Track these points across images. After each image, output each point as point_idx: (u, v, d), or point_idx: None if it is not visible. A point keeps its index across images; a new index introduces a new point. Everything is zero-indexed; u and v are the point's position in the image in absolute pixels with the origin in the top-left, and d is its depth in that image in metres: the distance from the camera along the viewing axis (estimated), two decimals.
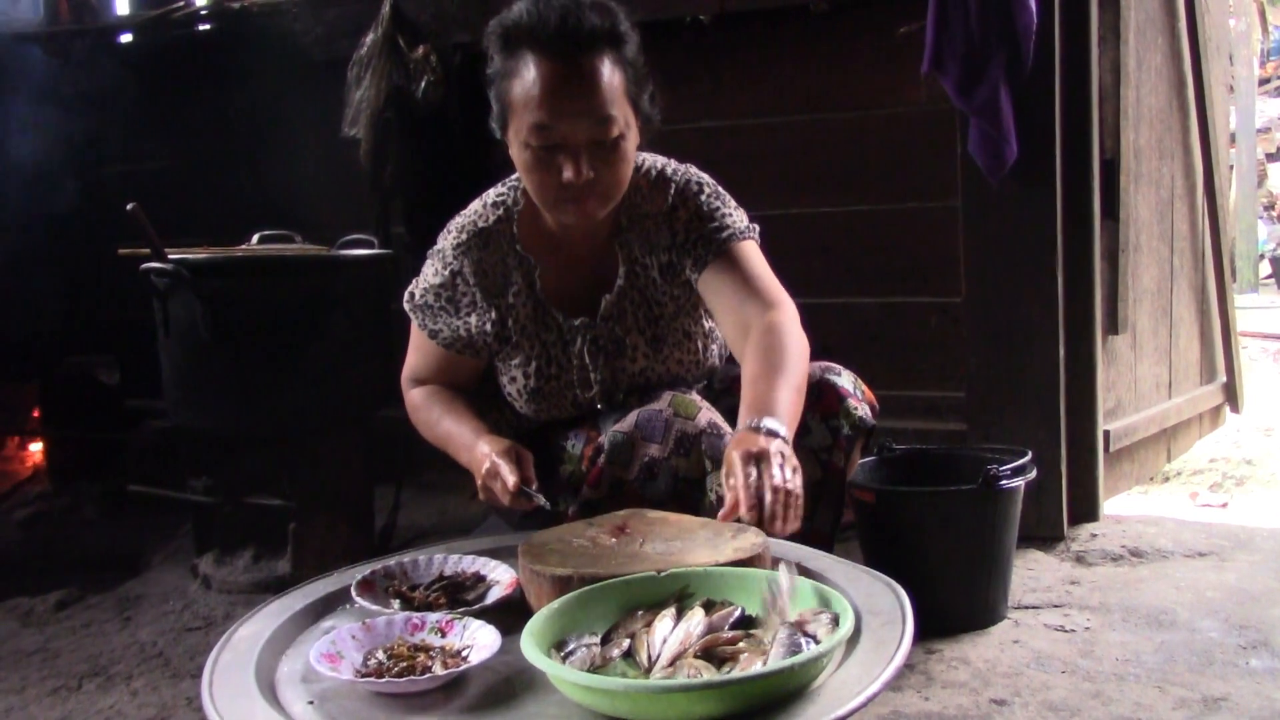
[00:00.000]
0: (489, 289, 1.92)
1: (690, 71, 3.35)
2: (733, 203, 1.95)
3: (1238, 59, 7.72)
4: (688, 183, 1.92)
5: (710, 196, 1.92)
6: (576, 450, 1.88)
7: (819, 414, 1.90)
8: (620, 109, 1.72)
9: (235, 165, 4.00)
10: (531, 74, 1.69)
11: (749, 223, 1.94)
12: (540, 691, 1.26)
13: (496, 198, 1.95)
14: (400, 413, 2.08)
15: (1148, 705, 1.92)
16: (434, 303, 1.95)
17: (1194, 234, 3.69)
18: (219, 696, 1.26)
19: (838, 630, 1.23)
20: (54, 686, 2.31)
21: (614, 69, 1.72)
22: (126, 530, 3.40)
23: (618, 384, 1.95)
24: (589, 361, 1.92)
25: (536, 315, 1.93)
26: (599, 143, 1.71)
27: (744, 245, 1.89)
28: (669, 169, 1.94)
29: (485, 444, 1.81)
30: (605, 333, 1.92)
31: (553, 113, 1.69)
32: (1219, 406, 3.91)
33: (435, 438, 1.96)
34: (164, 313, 2.81)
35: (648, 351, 1.94)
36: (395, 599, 1.56)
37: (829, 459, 1.91)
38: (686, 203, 1.90)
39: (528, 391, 1.94)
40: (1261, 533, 2.85)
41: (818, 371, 1.93)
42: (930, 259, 3.17)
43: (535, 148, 1.71)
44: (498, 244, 1.92)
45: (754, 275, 1.85)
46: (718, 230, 1.88)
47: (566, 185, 1.72)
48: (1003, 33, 2.57)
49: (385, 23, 3.43)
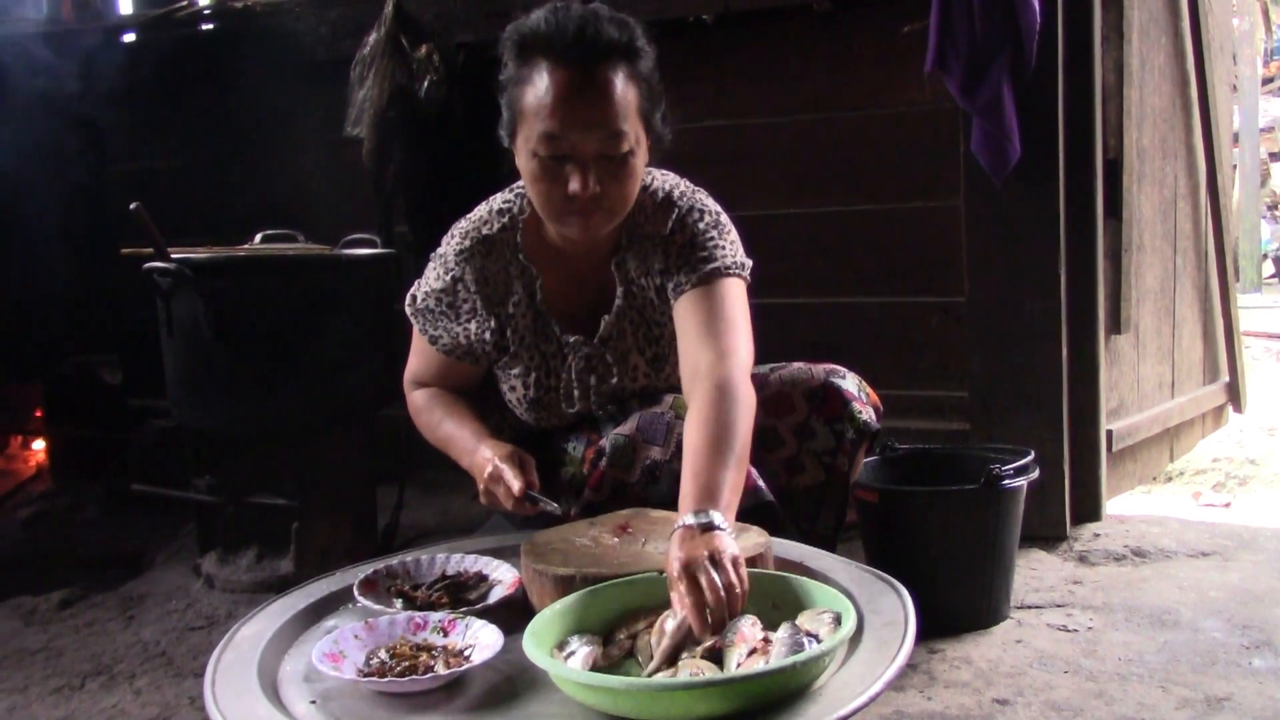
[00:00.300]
0: (490, 297, 1.90)
1: (693, 71, 3.34)
2: (732, 236, 1.89)
3: (1241, 58, 7.71)
4: (690, 209, 1.88)
5: (708, 226, 1.87)
6: (578, 453, 1.88)
7: (823, 418, 1.89)
8: (632, 125, 1.69)
9: (238, 165, 4.00)
10: (545, 82, 1.67)
11: (741, 260, 1.87)
12: (542, 691, 1.26)
13: (503, 204, 1.92)
14: (403, 412, 2.08)
15: (1150, 705, 1.92)
16: (435, 307, 1.94)
17: (1197, 233, 3.69)
18: (222, 696, 1.27)
19: (840, 630, 1.24)
20: (57, 685, 2.31)
21: (628, 83, 1.69)
22: (129, 529, 3.41)
23: (616, 403, 1.93)
24: (576, 380, 1.91)
25: (536, 326, 1.91)
26: (608, 157, 1.68)
27: (725, 283, 1.82)
28: (676, 193, 1.90)
29: (487, 448, 1.80)
30: (598, 354, 1.91)
31: (563, 122, 1.66)
32: (1222, 406, 3.90)
33: (437, 440, 1.96)
34: (167, 312, 2.81)
35: (649, 371, 1.93)
36: (398, 598, 1.56)
37: (832, 462, 1.90)
38: (684, 229, 1.86)
39: (527, 401, 1.94)
40: (1265, 532, 2.84)
41: (822, 374, 1.91)
42: (933, 258, 3.16)
43: (543, 157, 1.69)
44: (501, 252, 1.90)
45: (721, 318, 1.78)
46: (703, 260, 1.82)
47: (572, 197, 1.69)
48: (1006, 32, 2.56)
49: (388, 22, 3.43)
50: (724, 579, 1.31)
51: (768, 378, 1.92)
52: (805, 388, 1.90)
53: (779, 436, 1.89)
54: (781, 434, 1.89)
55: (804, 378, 1.91)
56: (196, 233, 3.25)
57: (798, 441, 1.89)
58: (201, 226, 3.45)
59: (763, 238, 3.04)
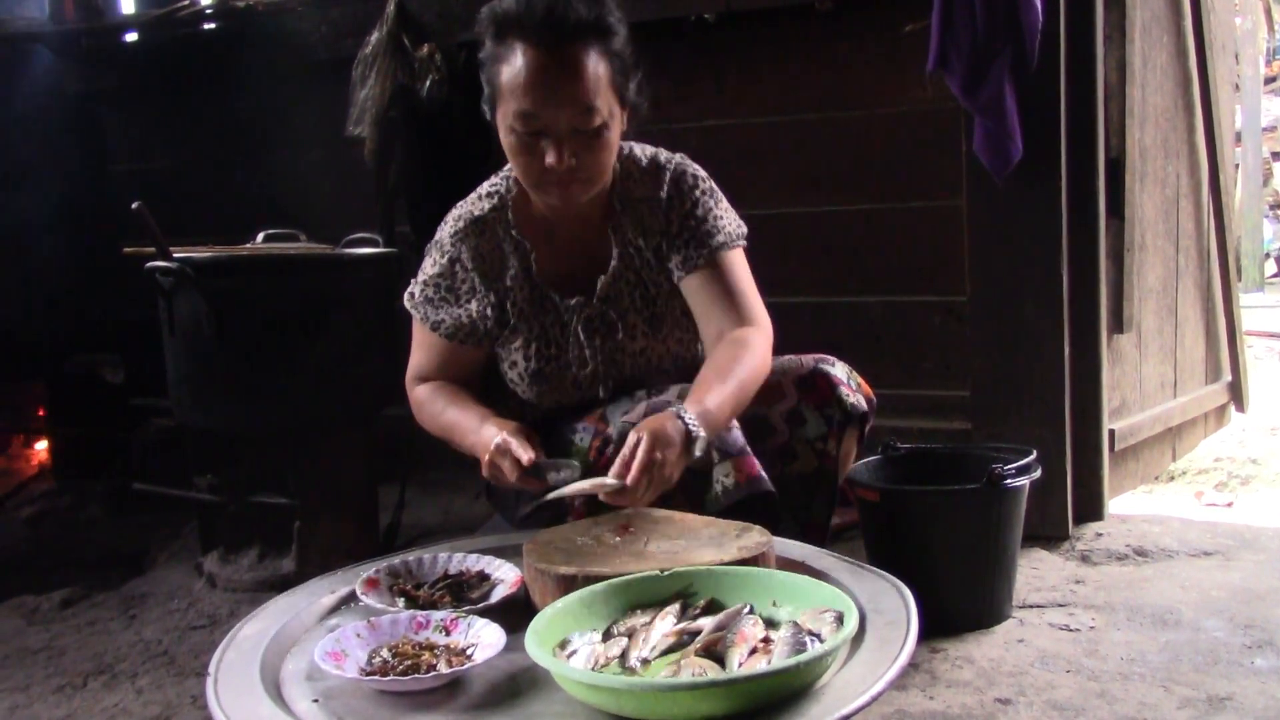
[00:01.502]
0: (487, 274, 1.96)
1: (694, 70, 3.35)
2: (725, 202, 2.00)
3: (1243, 57, 7.70)
4: (683, 173, 1.97)
5: (705, 194, 1.97)
6: (584, 442, 1.89)
7: (813, 404, 1.95)
8: (604, 99, 1.78)
9: (240, 164, 4.00)
10: (518, 62, 1.76)
11: (740, 228, 1.99)
12: (545, 690, 1.26)
13: (490, 188, 2.01)
14: (405, 411, 2.09)
15: (1152, 705, 1.92)
16: (434, 295, 1.98)
17: (1199, 232, 3.68)
18: (224, 694, 1.27)
19: (842, 629, 1.24)
20: (59, 684, 2.31)
21: (599, 59, 1.78)
22: (131, 528, 3.41)
23: (619, 364, 1.98)
24: (584, 340, 1.96)
25: (534, 298, 1.97)
26: (581, 131, 1.78)
27: (733, 254, 1.95)
28: (661, 156, 2.00)
29: (493, 425, 1.83)
30: (599, 313, 1.97)
31: (536, 101, 1.75)
32: (1224, 406, 3.90)
33: (440, 427, 1.97)
34: (169, 311, 2.81)
35: (646, 330, 1.98)
36: (400, 597, 1.56)
37: (824, 449, 1.96)
38: (683, 195, 1.95)
39: (529, 374, 1.97)
40: (1267, 532, 2.84)
41: (811, 362, 1.98)
42: (935, 258, 3.16)
43: (520, 133, 1.78)
44: (493, 230, 1.97)
45: (738, 290, 1.92)
46: (710, 234, 1.93)
47: (549, 170, 1.79)
48: (1008, 31, 2.56)
49: (390, 22, 3.44)
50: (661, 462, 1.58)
51: None
52: (795, 375, 1.97)
53: (771, 424, 1.95)
54: (773, 421, 1.95)
55: (794, 366, 1.98)
56: (198, 232, 3.25)
57: (789, 429, 1.95)
58: (203, 226, 3.45)
59: (765, 237, 3.04)
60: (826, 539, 2.01)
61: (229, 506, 2.91)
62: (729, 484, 1.77)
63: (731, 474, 1.78)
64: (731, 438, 1.81)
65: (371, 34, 3.45)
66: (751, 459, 1.81)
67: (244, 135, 3.96)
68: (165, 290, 2.80)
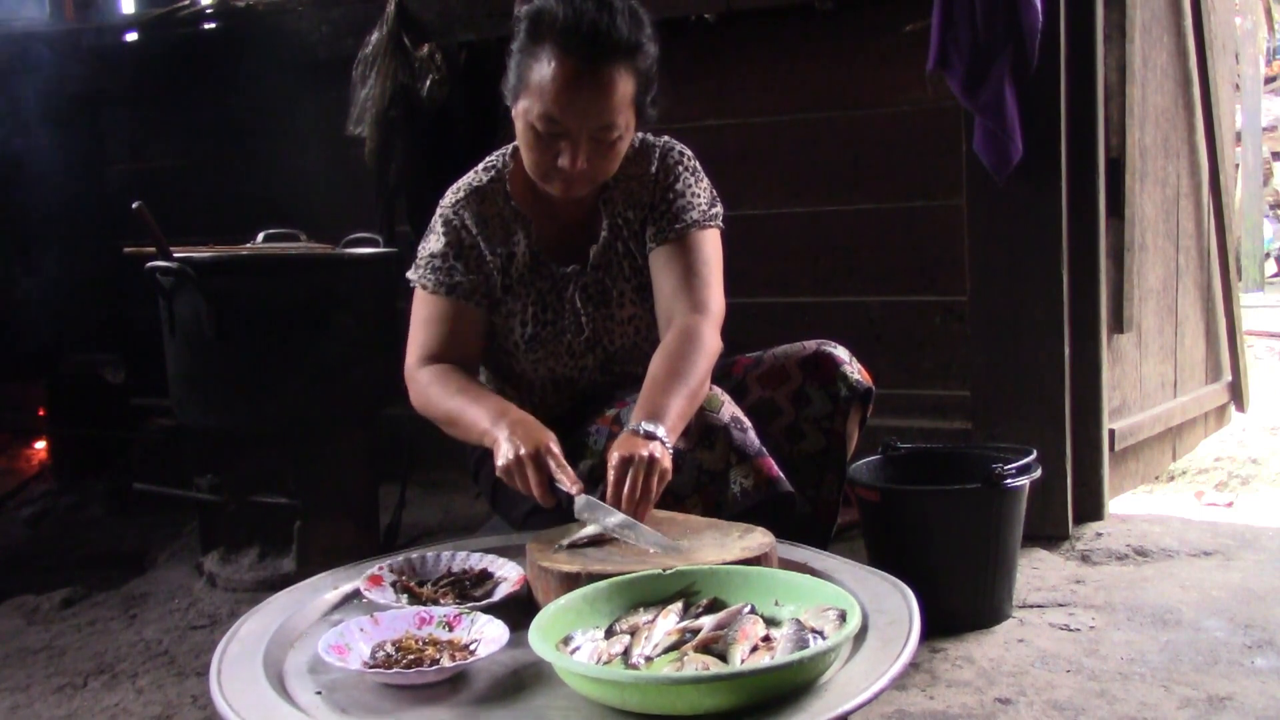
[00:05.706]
0: (490, 237, 1.99)
1: (696, 70, 3.35)
2: (706, 181, 2.04)
3: (1244, 57, 7.70)
4: (670, 149, 2.03)
5: (688, 171, 2.02)
6: (599, 445, 1.88)
7: (818, 382, 2.00)
8: (624, 115, 1.82)
9: (240, 164, 4.00)
10: (551, 66, 1.77)
11: (715, 209, 2.01)
12: (548, 685, 1.27)
13: (487, 164, 2.05)
14: (405, 411, 2.07)
15: (1153, 704, 1.92)
16: (441, 265, 1.98)
17: (1199, 232, 3.69)
18: (228, 685, 1.27)
19: (844, 626, 1.24)
20: (59, 684, 2.31)
21: (627, 78, 1.81)
22: (132, 528, 3.41)
23: (610, 332, 2.01)
24: (580, 306, 1.99)
25: (533, 264, 2.00)
26: (598, 140, 1.81)
27: (702, 234, 1.97)
28: (649, 138, 2.04)
29: (511, 422, 1.72)
30: (595, 280, 2.01)
31: (562, 108, 1.78)
32: (1224, 405, 3.90)
33: (446, 412, 1.86)
34: (169, 311, 2.81)
35: (634, 298, 2.01)
36: (403, 594, 1.56)
37: (831, 426, 2.01)
38: (668, 168, 2.01)
39: (525, 340, 1.99)
40: (1267, 532, 2.84)
41: (813, 345, 2.04)
42: (935, 258, 3.17)
43: (539, 131, 1.81)
44: (493, 199, 2.01)
45: (695, 272, 1.93)
46: (684, 210, 1.97)
47: (560, 169, 1.83)
48: (1008, 31, 2.56)
49: (390, 21, 3.44)
50: (647, 475, 1.57)
51: (762, 356, 2.06)
52: (798, 357, 2.03)
53: (777, 406, 2.00)
54: (779, 403, 2.00)
55: (796, 350, 2.05)
56: (199, 232, 3.26)
57: (795, 409, 2.00)
58: (203, 225, 3.46)
59: (765, 237, 3.04)
60: (837, 516, 2.06)
61: (229, 506, 2.91)
62: (747, 485, 1.77)
63: (750, 475, 1.77)
64: (749, 439, 1.80)
65: (372, 34, 3.45)
66: (769, 460, 1.79)
67: (244, 135, 3.97)
68: (165, 290, 2.80)
